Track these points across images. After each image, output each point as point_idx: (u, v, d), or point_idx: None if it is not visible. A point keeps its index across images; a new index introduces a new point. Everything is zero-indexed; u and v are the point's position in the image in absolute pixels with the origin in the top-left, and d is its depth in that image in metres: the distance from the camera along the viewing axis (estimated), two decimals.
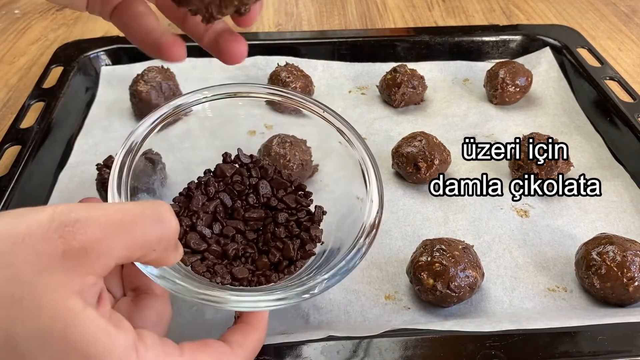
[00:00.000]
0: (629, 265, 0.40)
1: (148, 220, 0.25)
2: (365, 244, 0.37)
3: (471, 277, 0.41)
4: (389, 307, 0.43)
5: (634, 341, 0.36)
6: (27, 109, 0.59)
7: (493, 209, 0.51)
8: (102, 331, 0.23)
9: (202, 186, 0.42)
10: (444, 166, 0.53)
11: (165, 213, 0.26)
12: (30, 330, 0.21)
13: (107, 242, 0.23)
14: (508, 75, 0.63)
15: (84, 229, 0.23)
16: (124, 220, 0.24)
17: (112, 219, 0.24)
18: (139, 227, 0.25)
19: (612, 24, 0.83)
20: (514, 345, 0.36)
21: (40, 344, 0.22)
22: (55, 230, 0.22)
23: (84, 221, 0.23)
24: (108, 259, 0.24)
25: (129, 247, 0.25)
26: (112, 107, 0.64)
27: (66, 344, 0.22)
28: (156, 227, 0.26)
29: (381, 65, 0.70)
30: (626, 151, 0.56)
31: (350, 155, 0.41)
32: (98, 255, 0.23)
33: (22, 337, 0.21)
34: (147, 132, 0.38)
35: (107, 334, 0.23)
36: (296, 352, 0.35)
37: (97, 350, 0.22)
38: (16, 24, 0.84)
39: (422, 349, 0.36)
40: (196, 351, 0.27)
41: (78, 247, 0.23)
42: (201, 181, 0.42)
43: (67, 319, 0.22)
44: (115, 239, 0.24)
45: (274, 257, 0.39)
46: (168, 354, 0.26)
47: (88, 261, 0.23)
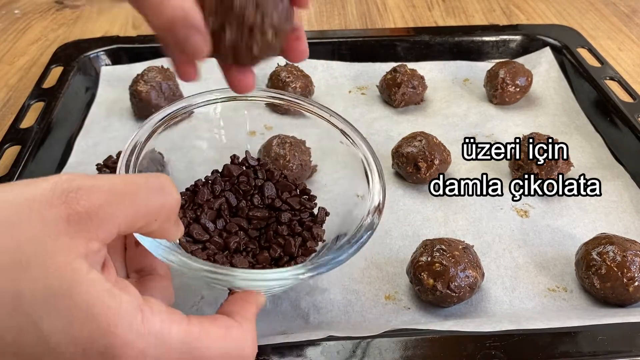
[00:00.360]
0: (629, 265, 0.40)
1: (150, 189, 0.26)
2: (374, 221, 0.37)
3: (471, 277, 0.41)
4: (389, 307, 0.43)
5: (634, 341, 0.36)
6: (27, 109, 0.59)
7: (493, 209, 0.51)
8: (107, 292, 0.23)
9: (209, 184, 0.42)
10: (444, 166, 0.53)
11: (167, 184, 0.27)
12: (37, 291, 0.22)
13: (110, 208, 0.24)
14: (508, 75, 0.63)
15: (87, 196, 0.23)
16: (127, 189, 0.25)
17: (115, 187, 0.25)
18: (142, 196, 0.25)
19: (612, 23, 0.83)
20: (514, 346, 0.36)
21: (47, 304, 0.22)
22: (58, 196, 0.23)
23: (87, 188, 0.24)
24: (111, 226, 0.24)
25: (131, 215, 0.25)
26: (112, 107, 0.64)
27: (72, 303, 0.22)
28: (158, 196, 0.26)
29: (381, 65, 0.70)
30: (626, 151, 0.56)
31: (352, 154, 0.42)
32: (101, 222, 0.23)
33: (29, 298, 0.22)
34: (151, 132, 0.39)
35: (112, 295, 0.23)
36: (296, 352, 0.35)
37: (102, 310, 0.23)
38: (16, 24, 0.84)
39: (422, 349, 0.36)
40: (204, 321, 0.27)
41: (81, 212, 0.23)
42: (208, 179, 0.43)
43: (72, 280, 0.22)
44: (118, 206, 0.24)
45: (275, 252, 0.39)
46: (174, 321, 0.25)
47: (91, 227, 0.23)
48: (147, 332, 0.24)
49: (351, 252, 0.35)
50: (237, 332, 0.28)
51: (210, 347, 0.26)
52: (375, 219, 0.38)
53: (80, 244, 0.23)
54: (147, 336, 0.24)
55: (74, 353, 0.22)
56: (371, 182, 0.40)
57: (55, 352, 0.22)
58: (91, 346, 0.22)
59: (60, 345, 0.22)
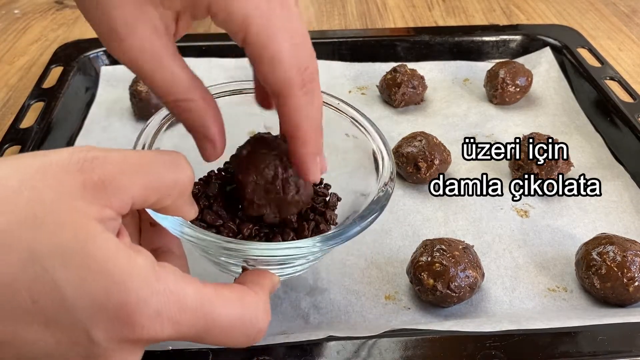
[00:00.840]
0: (629, 265, 0.40)
1: (164, 164, 0.26)
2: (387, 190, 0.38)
3: (471, 277, 0.41)
4: (389, 307, 0.43)
5: (634, 341, 0.36)
6: (27, 109, 0.59)
7: (493, 209, 0.51)
8: (121, 251, 0.23)
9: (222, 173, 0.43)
10: (444, 166, 0.53)
11: (181, 160, 0.27)
12: (52, 247, 0.22)
13: (124, 178, 0.24)
14: (508, 75, 0.63)
15: (102, 165, 0.24)
16: (141, 162, 0.25)
17: (129, 159, 0.25)
18: (155, 169, 0.26)
19: (612, 23, 0.83)
20: (514, 346, 0.36)
21: (62, 259, 0.22)
22: (75, 164, 0.23)
23: (102, 158, 0.24)
24: (125, 196, 0.24)
25: (145, 187, 0.25)
26: (112, 107, 0.64)
27: (86, 258, 0.22)
28: (172, 171, 0.27)
29: (381, 65, 0.70)
30: (626, 151, 0.56)
31: (359, 147, 0.42)
32: (115, 191, 0.24)
33: (44, 253, 0.22)
34: (156, 131, 0.39)
35: (126, 254, 0.23)
36: (296, 353, 0.35)
37: (117, 265, 0.23)
38: (16, 24, 0.84)
39: (422, 349, 0.36)
40: (218, 285, 0.27)
41: (96, 180, 0.23)
42: (221, 170, 0.43)
43: (87, 237, 0.22)
44: (132, 176, 0.25)
45: (288, 236, 0.39)
46: (188, 282, 0.25)
47: (105, 195, 0.23)
48: (162, 289, 0.24)
49: (365, 224, 0.35)
50: (252, 299, 0.28)
51: (223, 311, 0.26)
52: (389, 187, 0.38)
53: (94, 209, 0.23)
54: (162, 294, 0.24)
55: (89, 308, 0.22)
56: (380, 160, 0.40)
57: (71, 307, 0.22)
58: (106, 302, 0.22)
59: (76, 299, 0.22)
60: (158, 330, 0.24)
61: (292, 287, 0.43)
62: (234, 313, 0.27)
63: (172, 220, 0.32)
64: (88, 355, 0.23)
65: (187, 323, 0.25)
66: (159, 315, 0.23)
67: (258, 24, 0.27)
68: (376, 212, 0.37)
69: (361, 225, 0.35)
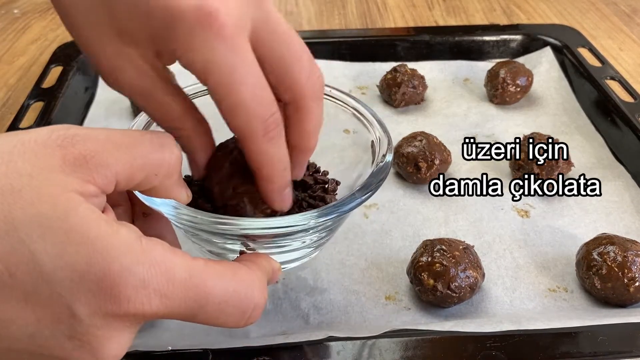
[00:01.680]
0: (630, 265, 0.40)
1: (149, 143, 0.26)
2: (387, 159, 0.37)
3: (472, 277, 0.41)
4: (389, 307, 0.42)
5: (635, 342, 0.36)
6: (26, 109, 0.59)
7: (493, 209, 0.51)
8: (104, 221, 0.22)
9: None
10: (444, 166, 0.53)
11: (167, 140, 0.27)
12: (30, 215, 0.21)
13: (106, 154, 0.23)
14: (509, 75, 0.62)
15: (84, 141, 0.23)
16: (125, 140, 0.25)
17: (113, 137, 0.24)
18: (140, 147, 0.25)
19: (612, 23, 0.83)
20: (515, 346, 0.36)
21: (40, 228, 0.21)
22: (54, 140, 0.23)
23: (83, 135, 0.23)
24: (108, 172, 0.23)
25: (130, 165, 0.24)
26: (111, 107, 0.64)
27: (66, 227, 0.21)
28: (157, 150, 0.26)
29: (381, 65, 0.69)
30: (627, 151, 0.56)
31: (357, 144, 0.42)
32: (98, 166, 0.23)
33: (21, 222, 0.21)
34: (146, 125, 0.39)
35: (109, 224, 0.22)
36: (296, 353, 0.35)
37: (99, 234, 0.22)
38: (15, 23, 0.84)
39: (422, 349, 0.36)
40: (210, 261, 0.26)
41: (77, 154, 0.23)
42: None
43: (67, 206, 0.22)
44: (114, 153, 0.24)
45: None
46: (177, 254, 0.24)
47: (87, 169, 0.23)
48: (149, 259, 0.23)
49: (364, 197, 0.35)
50: (246, 274, 0.27)
51: (216, 284, 0.25)
52: (388, 156, 0.37)
53: (75, 182, 0.22)
54: (148, 264, 0.23)
55: (70, 280, 0.21)
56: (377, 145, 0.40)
57: (50, 280, 0.21)
58: (88, 272, 0.21)
59: (55, 271, 0.21)
60: (145, 303, 0.22)
61: (292, 287, 0.43)
62: (227, 286, 0.26)
63: (163, 202, 0.31)
64: (72, 335, 0.22)
65: (176, 296, 0.23)
66: (145, 286, 0.22)
67: (219, 73, 0.27)
68: (374, 184, 0.36)
69: (361, 198, 0.34)
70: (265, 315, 0.41)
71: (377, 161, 0.38)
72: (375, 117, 0.41)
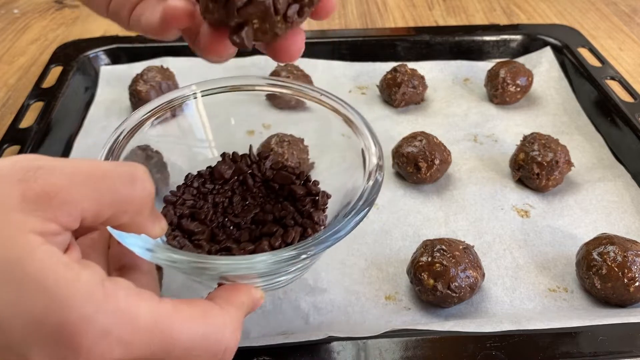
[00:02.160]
0: (630, 265, 0.40)
1: (119, 178, 0.24)
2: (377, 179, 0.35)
3: (472, 277, 0.41)
4: (389, 307, 0.42)
5: (635, 342, 0.36)
6: (26, 109, 0.59)
7: (494, 209, 0.51)
8: (63, 265, 0.21)
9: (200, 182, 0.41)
10: (444, 166, 0.53)
11: (139, 173, 0.25)
12: None
13: (72, 190, 0.22)
14: (509, 75, 0.62)
15: (47, 175, 0.22)
16: (93, 174, 0.23)
17: (80, 170, 0.23)
18: (108, 182, 0.23)
19: (612, 23, 0.83)
20: (515, 346, 0.36)
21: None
22: (16, 173, 0.21)
23: (48, 168, 0.22)
24: (72, 209, 0.22)
25: (96, 201, 0.23)
26: (111, 107, 0.64)
27: (22, 273, 0.20)
28: (128, 185, 0.24)
29: (381, 65, 0.69)
30: (627, 151, 0.56)
31: (352, 147, 0.40)
32: (61, 202, 0.22)
33: None
34: (136, 126, 0.38)
35: (69, 269, 0.21)
36: (296, 353, 0.35)
37: (57, 281, 0.20)
38: (15, 23, 0.84)
39: (422, 349, 0.36)
40: (178, 302, 0.25)
41: (39, 191, 0.21)
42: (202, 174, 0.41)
43: (24, 250, 0.20)
44: (80, 189, 0.22)
45: (276, 241, 0.37)
46: (143, 298, 0.23)
47: (50, 207, 0.21)
48: (111, 306, 0.22)
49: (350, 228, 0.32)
50: (216, 315, 0.26)
51: (183, 329, 0.24)
52: (379, 176, 0.35)
53: (34, 221, 0.21)
54: (110, 311, 0.21)
55: (26, 330, 0.20)
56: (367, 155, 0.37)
57: (5, 329, 0.20)
58: (45, 322, 0.20)
59: (10, 321, 0.20)
60: (106, 352, 0.21)
61: (292, 287, 0.43)
62: (196, 330, 0.24)
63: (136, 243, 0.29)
64: None
65: (140, 344, 0.22)
66: (106, 335, 0.21)
67: None
68: (363, 209, 0.33)
69: (345, 230, 0.32)
70: (265, 315, 0.41)
71: (368, 177, 0.36)
72: (366, 125, 0.39)
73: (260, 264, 0.29)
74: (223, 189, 0.41)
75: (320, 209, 0.39)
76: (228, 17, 0.25)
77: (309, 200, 0.39)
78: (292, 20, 0.25)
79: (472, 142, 0.59)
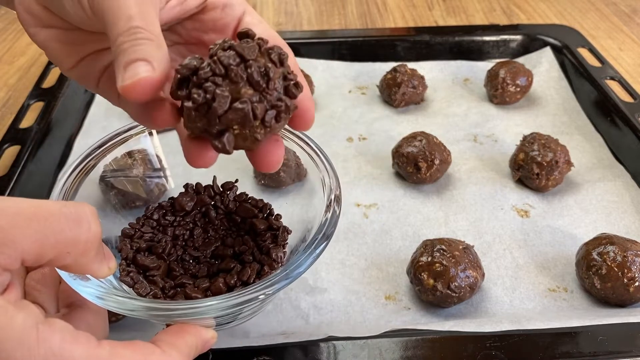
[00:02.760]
0: (630, 265, 0.40)
1: (64, 219, 0.23)
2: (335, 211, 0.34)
3: (471, 277, 0.41)
4: (389, 307, 0.42)
5: (634, 341, 0.36)
6: (26, 109, 0.59)
7: (493, 209, 0.51)
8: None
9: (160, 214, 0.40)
10: (444, 166, 0.53)
11: (85, 215, 0.24)
12: None
13: (13, 231, 0.22)
14: (508, 75, 0.63)
15: None
16: (36, 215, 0.23)
17: (23, 211, 0.23)
18: (53, 224, 0.23)
19: (612, 23, 0.83)
20: (515, 346, 0.36)
21: None
22: None
23: None
24: (12, 251, 0.22)
25: (38, 243, 0.23)
26: (111, 107, 0.63)
27: None
28: (72, 226, 0.24)
29: (381, 65, 0.70)
30: (627, 151, 0.56)
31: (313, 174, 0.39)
32: (1, 244, 0.22)
33: None
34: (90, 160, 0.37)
35: (3, 311, 0.21)
36: (296, 353, 0.35)
37: None
38: (15, 23, 0.84)
39: (422, 349, 0.36)
40: (117, 345, 0.24)
41: None
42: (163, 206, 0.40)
43: None
44: (21, 230, 0.22)
45: (232, 279, 0.35)
46: (79, 341, 0.23)
47: None
48: (43, 352, 0.21)
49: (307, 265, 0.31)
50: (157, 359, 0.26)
51: None
52: (336, 207, 0.34)
53: None
54: (42, 357, 0.21)
55: None
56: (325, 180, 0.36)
57: None
58: None
59: None
60: None
61: (292, 287, 0.43)
62: None
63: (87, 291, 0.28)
64: None
65: None
66: None
67: None
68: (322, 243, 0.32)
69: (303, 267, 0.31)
70: (265, 315, 0.41)
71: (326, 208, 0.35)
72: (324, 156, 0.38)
73: (211, 310, 0.29)
74: (184, 221, 0.40)
75: (280, 244, 0.38)
76: (210, 125, 0.26)
77: (269, 235, 0.39)
78: (270, 125, 0.26)
79: (472, 142, 0.59)
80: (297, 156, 0.49)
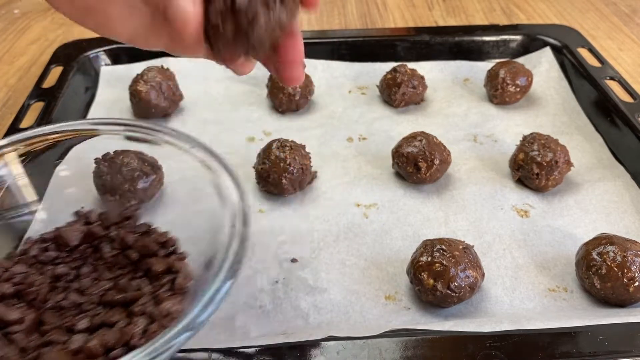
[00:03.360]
0: (630, 265, 0.40)
1: None
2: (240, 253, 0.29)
3: (471, 277, 0.41)
4: (389, 307, 0.42)
5: (634, 341, 0.36)
6: (26, 109, 0.59)
7: (493, 209, 0.51)
8: None
9: (40, 248, 0.35)
10: (444, 166, 0.53)
11: None
12: None
13: None
14: (508, 75, 0.63)
15: None
16: None
17: None
18: None
19: (612, 23, 0.83)
20: (515, 346, 0.36)
21: None
22: None
23: None
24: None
25: None
26: (111, 107, 0.64)
27: None
28: None
29: (381, 65, 0.69)
30: (627, 151, 0.56)
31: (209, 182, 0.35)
32: None
33: None
34: None
35: None
36: (296, 353, 0.35)
37: None
38: (16, 23, 0.84)
39: (422, 349, 0.36)
40: None
41: None
42: (44, 238, 0.35)
43: None
44: None
45: (111, 338, 0.30)
46: None
47: None
48: None
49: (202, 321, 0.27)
50: None
51: None
52: (241, 251, 0.29)
53: None
54: None
55: None
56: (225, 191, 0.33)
57: None
58: None
59: None
60: None
61: (292, 287, 0.43)
62: None
63: None
64: None
65: None
66: None
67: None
68: (222, 287, 0.28)
69: (196, 325, 0.26)
70: (265, 315, 0.41)
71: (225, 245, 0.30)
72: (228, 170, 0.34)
73: None
74: (70, 257, 0.35)
75: (178, 292, 0.33)
76: (239, 23, 0.27)
77: (167, 279, 0.33)
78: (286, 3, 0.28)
79: (472, 142, 0.59)
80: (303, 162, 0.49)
